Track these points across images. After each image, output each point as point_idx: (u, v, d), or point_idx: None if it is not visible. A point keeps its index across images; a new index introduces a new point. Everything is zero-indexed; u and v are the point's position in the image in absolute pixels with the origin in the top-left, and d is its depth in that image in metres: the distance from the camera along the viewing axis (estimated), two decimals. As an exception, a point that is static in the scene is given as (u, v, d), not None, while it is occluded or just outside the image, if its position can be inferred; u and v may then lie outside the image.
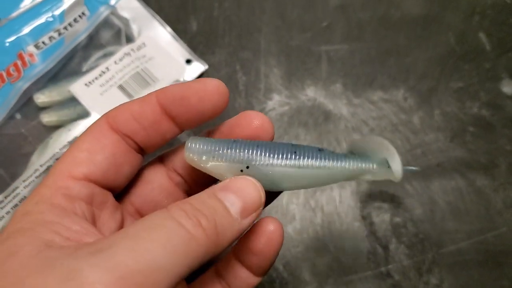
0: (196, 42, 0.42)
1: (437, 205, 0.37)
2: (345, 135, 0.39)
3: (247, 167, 0.20)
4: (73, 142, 0.20)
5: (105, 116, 0.21)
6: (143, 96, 0.21)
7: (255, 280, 0.22)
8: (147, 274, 0.15)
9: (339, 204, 0.37)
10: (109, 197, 0.21)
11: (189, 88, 0.20)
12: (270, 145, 0.20)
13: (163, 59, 0.38)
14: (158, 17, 0.40)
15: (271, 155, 0.20)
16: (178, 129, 0.21)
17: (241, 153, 0.20)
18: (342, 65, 0.42)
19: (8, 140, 0.36)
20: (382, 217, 0.36)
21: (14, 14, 0.37)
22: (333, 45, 0.43)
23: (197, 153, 0.20)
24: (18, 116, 0.36)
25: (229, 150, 0.20)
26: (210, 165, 0.20)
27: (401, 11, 0.44)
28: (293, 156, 0.20)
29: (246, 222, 0.19)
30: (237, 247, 0.22)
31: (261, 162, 0.20)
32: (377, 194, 0.37)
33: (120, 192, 0.22)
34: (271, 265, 0.21)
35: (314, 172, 0.20)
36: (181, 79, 0.38)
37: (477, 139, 0.39)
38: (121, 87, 0.37)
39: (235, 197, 0.19)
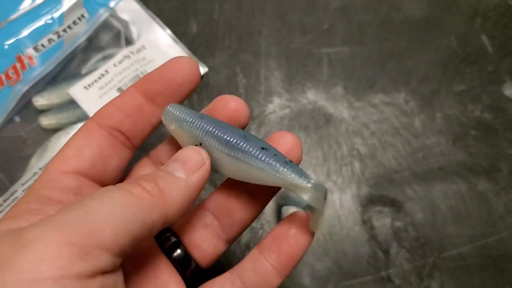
0: (196, 45, 0.42)
1: (438, 209, 0.37)
2: (346, 138, 0.39)
3: (201, 144, 0.21)
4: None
5: (91, 117, 0.22)
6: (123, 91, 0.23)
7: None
8: (89, 225, 0.16)
9: (339, 208, 0.36)
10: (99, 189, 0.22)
11: (163, 66, 0.22)
12: (224, 129, 0.21)
13: (163, 62, 0.38)
14: (158, 19, 0.40)
15: (218, 141, 0.21)
16: (161, 110, 0.23)
17: (199, 131, 0.21)
18: (343, 68, 0.42)
19: (7, 143, 0.35)
20: (383, 221, 0.36)
21: (13, 16, 0.37)
22: (334, 48, 0.42)
23: (171, 117, 0.22)
24: (17, 119, 0.36)
25: (190, 126, 0.21)
26: (176, 132, 0.22)
27: (402, 14, 0.44)
28: (238, 145, 0.21)
29: (195, 177, 0.20)
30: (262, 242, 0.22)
31: (209, 144, 0.21)
32: (378, 198, 0.37)
33: None
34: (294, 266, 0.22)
35: (249, 168, 0.21)
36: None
37: (479, 142, 0.39)
38: (120, 90, 0.37)
39: (176, 162, 0.20)
